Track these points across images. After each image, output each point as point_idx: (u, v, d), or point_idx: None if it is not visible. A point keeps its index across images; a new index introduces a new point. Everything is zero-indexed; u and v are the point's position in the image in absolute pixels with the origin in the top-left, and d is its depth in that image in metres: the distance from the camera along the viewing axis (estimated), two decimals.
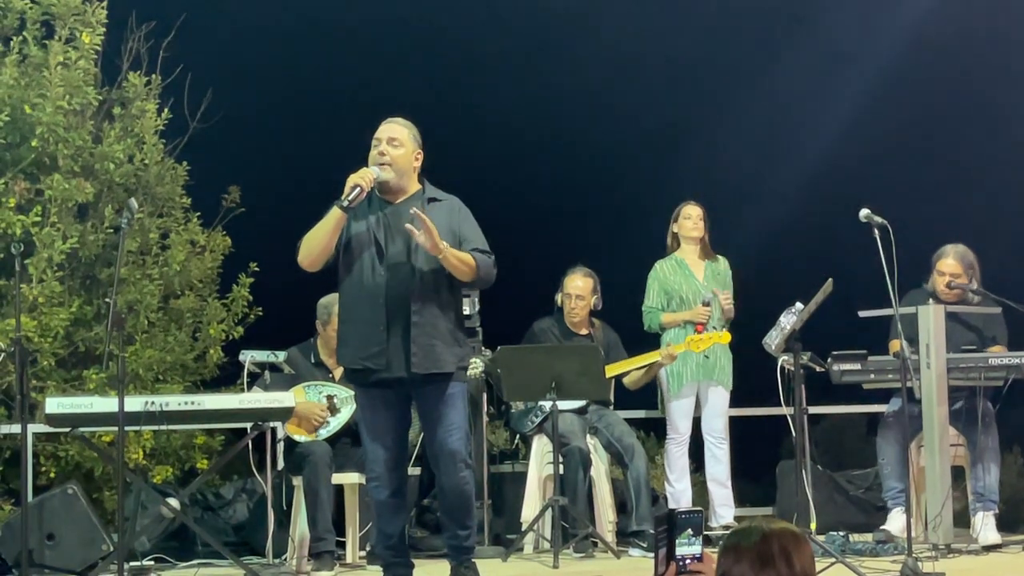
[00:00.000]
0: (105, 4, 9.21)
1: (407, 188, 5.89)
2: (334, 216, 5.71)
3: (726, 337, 7.71)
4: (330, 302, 7.15)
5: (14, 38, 8.97)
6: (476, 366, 7.43)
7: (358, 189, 5.67)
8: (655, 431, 9.66)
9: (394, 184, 5.84)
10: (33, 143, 8.73)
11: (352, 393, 6.63)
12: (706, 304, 7.77)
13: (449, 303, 5.83)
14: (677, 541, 3.28)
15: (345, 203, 5.65)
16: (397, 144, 5.84)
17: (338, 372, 7.13)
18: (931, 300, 7.41)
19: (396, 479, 5.90)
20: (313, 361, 7.35)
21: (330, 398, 7.15)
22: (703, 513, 3.41)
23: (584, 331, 7.85)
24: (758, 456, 9.71)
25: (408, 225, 5.65)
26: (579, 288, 7.80)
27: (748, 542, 3.09)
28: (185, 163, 9.75)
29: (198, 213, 9.79)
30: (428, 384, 5.78)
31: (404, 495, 6.01)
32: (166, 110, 9.52)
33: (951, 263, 7.58)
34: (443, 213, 5.83)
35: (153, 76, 9.57)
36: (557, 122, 14.53)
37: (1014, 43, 12.81)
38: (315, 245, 5.79)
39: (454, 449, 5.82)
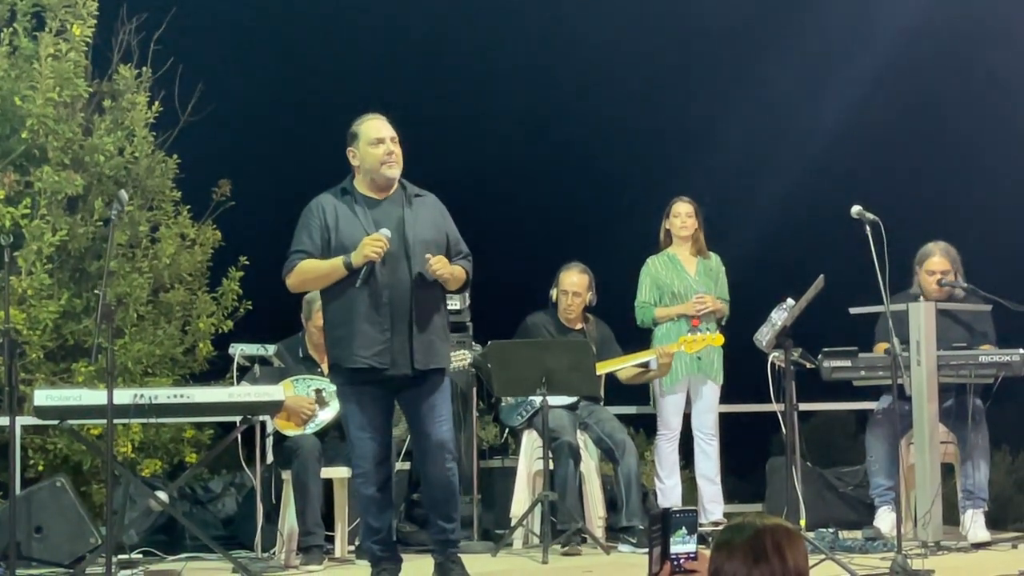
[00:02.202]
0: None
1: (395, 185, 5.95)
2: (338, 272, 5.77)
3: (719, 339, 7.68)
4: (313, 298, 7.13)
5: (4, 30, 8.93)
6: (464, 357, 7.42)
7: (368, 266, 5.72)
8: (644, 427, 9.65)
9: (395, 181, 5.92)
10: (23, 135, 8.70)
11: None
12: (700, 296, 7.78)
13: (440, 299, 5.94)
14: (671, 540, 3.27)
15: (359, 283, 5.71)
16: (397, 141, 5.92)
17: (326, 366, 7.10)
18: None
19: (383, 474, 5.92)
20: (301, 355, 7.33)
21: (318, 391, 7.14)
22: (696, 512, 3.41)
23: (578, 326, 7.84)
24: (747, 453, 9.70)
25: (428, 255, 5.73)
26: (575, 285, 7.78)
27: (741, 538, 3.08)
28: (175, 156, 9.70)
29: (188, 206, 9.75)
30: (425, 379, 5.83)
31: (390, 490, 6.03)
32: (156, 103, 9.48)
33: (939, 260, 7.57)
34: (429, 209, 5.96)
35: (144, 69, 9.52)
36: (550, 119, 14.51)
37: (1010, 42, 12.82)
38: (311, 285, 6.01)
39: (443, 439, 5.87)
